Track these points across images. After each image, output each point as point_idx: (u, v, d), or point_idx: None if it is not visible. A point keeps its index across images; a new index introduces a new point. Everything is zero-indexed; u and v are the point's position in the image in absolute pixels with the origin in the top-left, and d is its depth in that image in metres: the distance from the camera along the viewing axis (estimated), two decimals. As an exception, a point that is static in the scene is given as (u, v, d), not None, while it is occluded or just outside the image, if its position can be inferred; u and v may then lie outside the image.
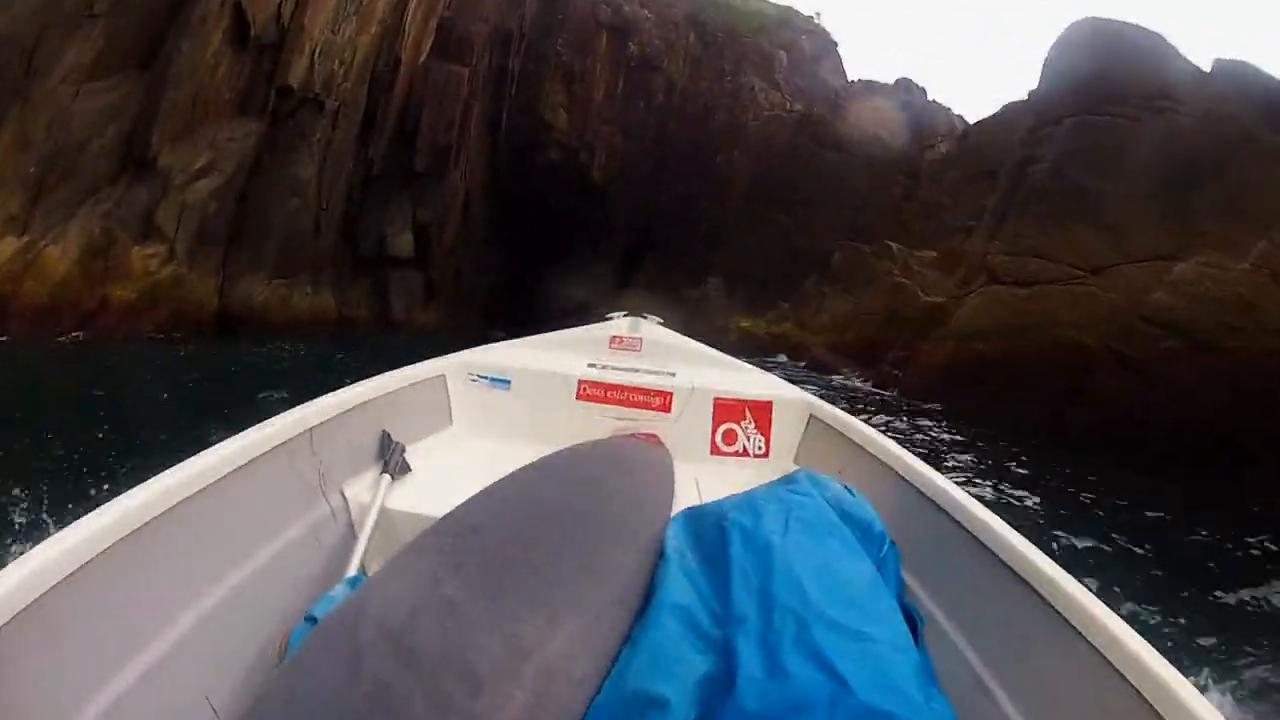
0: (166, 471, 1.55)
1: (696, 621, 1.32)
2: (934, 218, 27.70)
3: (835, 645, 1.18)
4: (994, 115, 29.43)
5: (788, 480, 1.75)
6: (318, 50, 26.44)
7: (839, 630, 1.22)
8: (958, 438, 12.15)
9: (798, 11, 46.02)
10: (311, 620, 1.45)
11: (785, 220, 34.30)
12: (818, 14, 46.96)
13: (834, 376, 20.03)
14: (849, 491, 1.72)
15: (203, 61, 23.68)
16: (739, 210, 36.42)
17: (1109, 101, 16.25)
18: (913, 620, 1.44)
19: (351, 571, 1.85)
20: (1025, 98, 23.88)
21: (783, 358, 24.29)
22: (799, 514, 1.55)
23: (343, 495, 2.16)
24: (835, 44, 45.31)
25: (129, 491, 1.44)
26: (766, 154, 37.06)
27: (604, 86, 39.98)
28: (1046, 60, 19.27)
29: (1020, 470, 10.09)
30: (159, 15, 23.39)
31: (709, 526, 1.59)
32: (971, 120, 34.80)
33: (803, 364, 22.50)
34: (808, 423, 3.00)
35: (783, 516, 1.54)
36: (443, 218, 33.26)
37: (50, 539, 1.27)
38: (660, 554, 1.56)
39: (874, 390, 17.72)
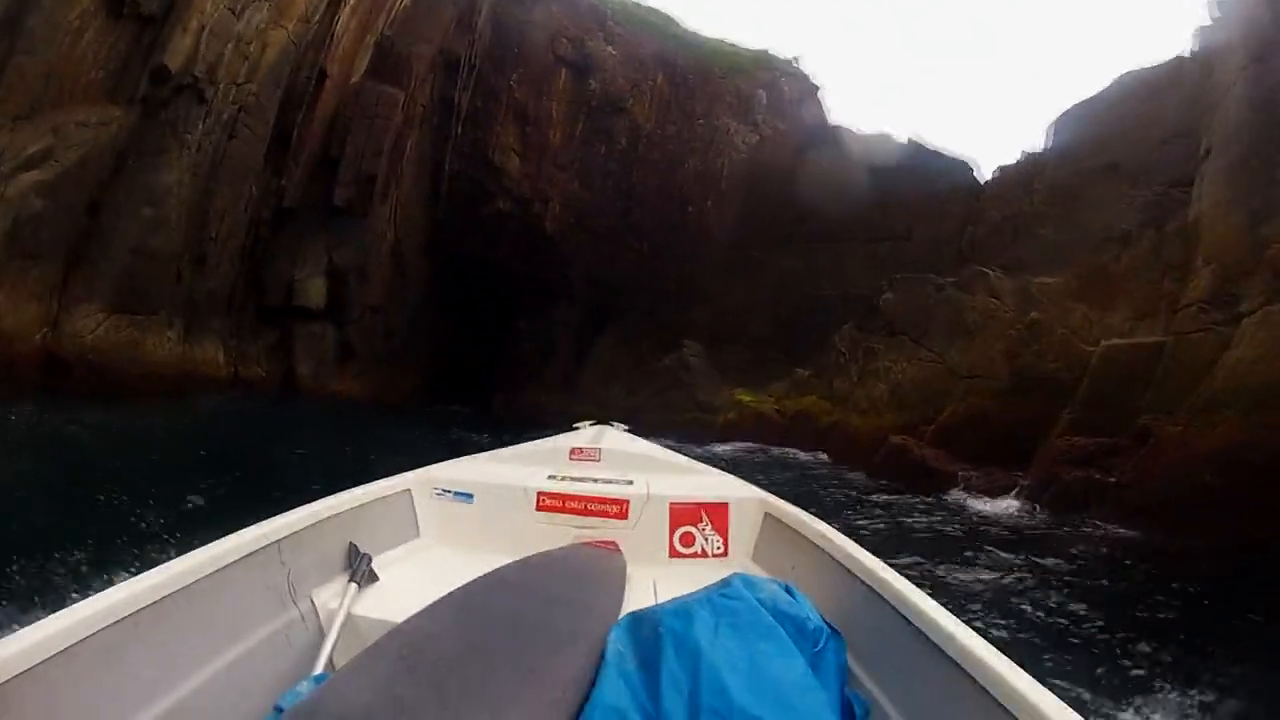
0: (143, 574, 1.67)
1: None
2: (1029, 236, 21.09)
3: None
4: (1099, 94, 22.14)
5: (722, 585, 1.93)
6: (208, 29, 20.85)
7: None
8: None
9: (775, 55, 41.44)
10: (278, 711, 1.55)
11: (792, 263, 28.29)
12: (797, 58, 42.08)
13: (946, 494, 11.76)
14: (787, 590, 1.94)
15: (65, 23, 18.26)
16: (723, 259, 30.96)
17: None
18: (854, 709, 1.68)
19: (317, 670, 1.93)
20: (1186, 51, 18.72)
21: (796, 453, 17.50)
22: (729, 619, 1.71)
23: (311, 601, 2.26)
24: (818, 88, 40.87)
25: (106, 591, 1.57)
26: (761, 184, 31.53)
27: (561, 129, 35.50)
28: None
29: None
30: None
31: (647, 631, 1.72)
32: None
33: (844, 467, 15.17)
34: (763, 520, 3.04)
35: (713, 621, 1.70)
36: (364, 264, 27.55)
37: (30, 627, 1.37)
38: (602, 657, 1.66)
39: (1058, 523, 9.67)
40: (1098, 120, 21.40)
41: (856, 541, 2.29)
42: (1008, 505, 10.62)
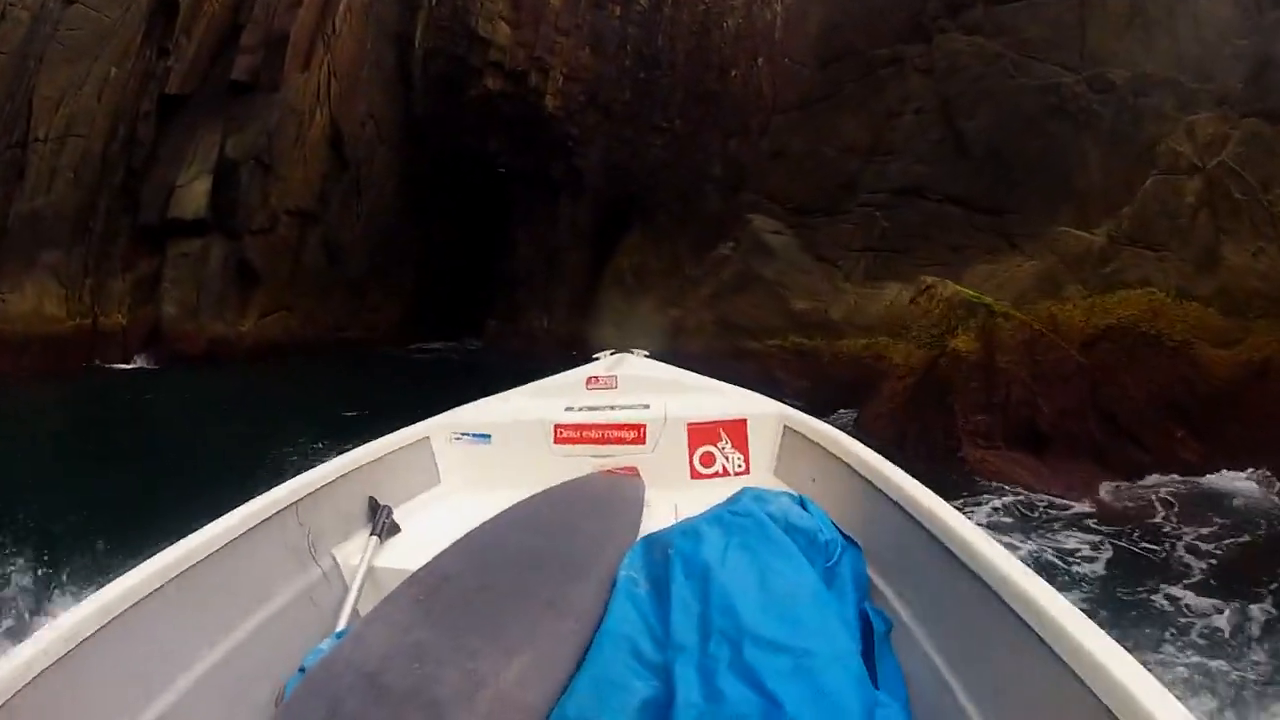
0: (167, 549, 1.67)
1: (639, 649, 1.44)
2: None
3: (769, 664, 1.30)
4: None
5: (731, 501, 1.93)
6: None
7: (773, 649, 1.34)
8: None
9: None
10: (303, 670, 1.62)
11: (962, 45, 15.37)
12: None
13: None
14: (800, 501, 1.95)
15: None
16: (808, 84, 20.02)
17: None
18: (875, 624, 1.64)
19: (340, 626, 1.96)
20: None
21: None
22: (739, 536, 1.70)
23: (333, 558, 2.25)
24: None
25: (137, 567, 1.59)
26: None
27: (560, -13, 28.37)
28: None
29: None
30: None
31: (657, 554, 1.71)
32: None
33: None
34: (783, 433, 2.96)
35: (722, 540, 1.68)
36: (268, 151, 20.29)
37: (74, 608, 1.42)
38: (615, 584, 1.66)
39: None
40: None
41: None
42: None
